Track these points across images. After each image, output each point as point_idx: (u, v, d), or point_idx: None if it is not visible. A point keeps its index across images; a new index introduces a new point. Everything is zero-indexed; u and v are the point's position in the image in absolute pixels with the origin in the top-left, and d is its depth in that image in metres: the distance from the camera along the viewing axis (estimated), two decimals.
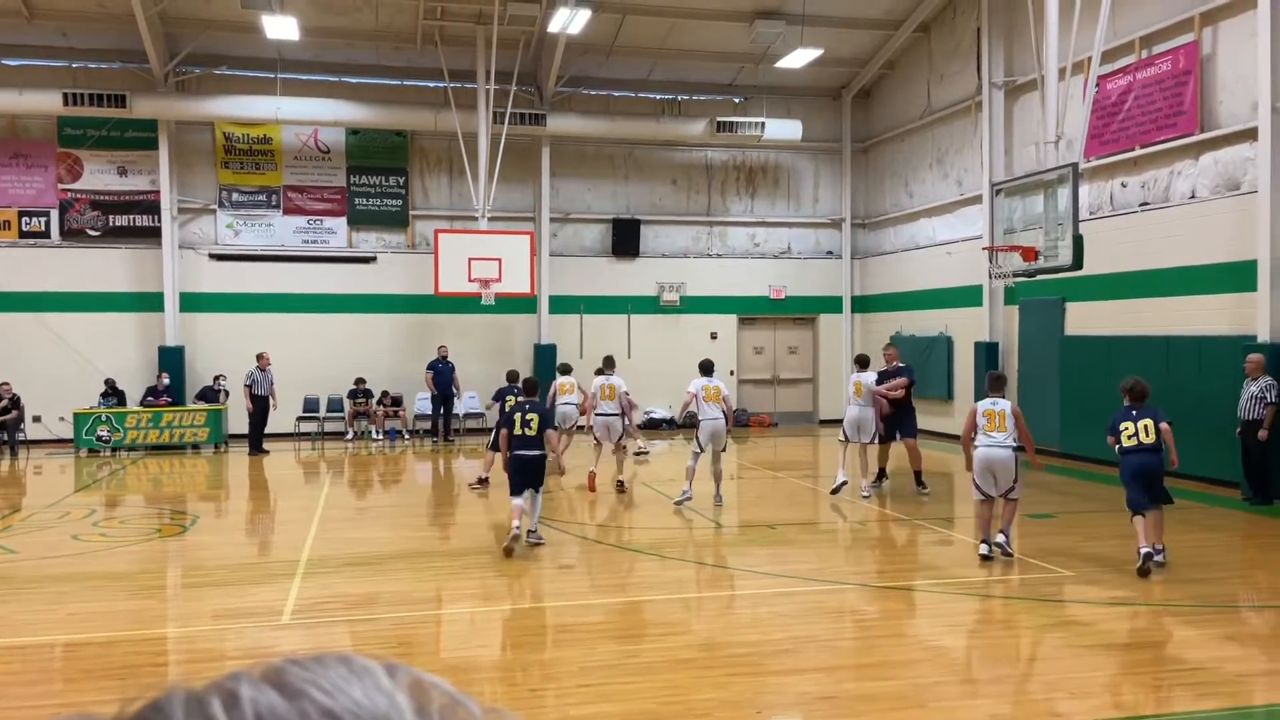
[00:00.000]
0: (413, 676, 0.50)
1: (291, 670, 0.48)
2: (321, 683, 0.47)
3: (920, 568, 9.66)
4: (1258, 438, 11.97)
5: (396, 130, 21.33)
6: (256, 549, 11.01)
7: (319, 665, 0.48)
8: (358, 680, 0.47)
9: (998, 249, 13.72)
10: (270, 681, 0.47)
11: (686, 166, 23.15)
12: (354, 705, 0.46)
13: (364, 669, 0.49)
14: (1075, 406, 16.30)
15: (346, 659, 0.49)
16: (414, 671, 0.50)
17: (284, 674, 0.47)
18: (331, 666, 0.48)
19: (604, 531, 11.29)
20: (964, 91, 19.53)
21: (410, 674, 0.50)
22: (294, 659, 0.49)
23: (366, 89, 20.90)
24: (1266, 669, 6.42)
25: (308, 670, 0.48)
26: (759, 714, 5.64)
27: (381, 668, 0.49)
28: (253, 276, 20.92)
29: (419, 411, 21.07)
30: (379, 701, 0.46)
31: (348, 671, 0.48)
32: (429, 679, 0.50)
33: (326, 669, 0.48)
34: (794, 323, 23.99)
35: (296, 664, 0.48)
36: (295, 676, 0.47)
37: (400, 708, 0.46)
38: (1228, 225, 13.55)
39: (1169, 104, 14.54)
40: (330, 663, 0.49)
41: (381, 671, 0.49)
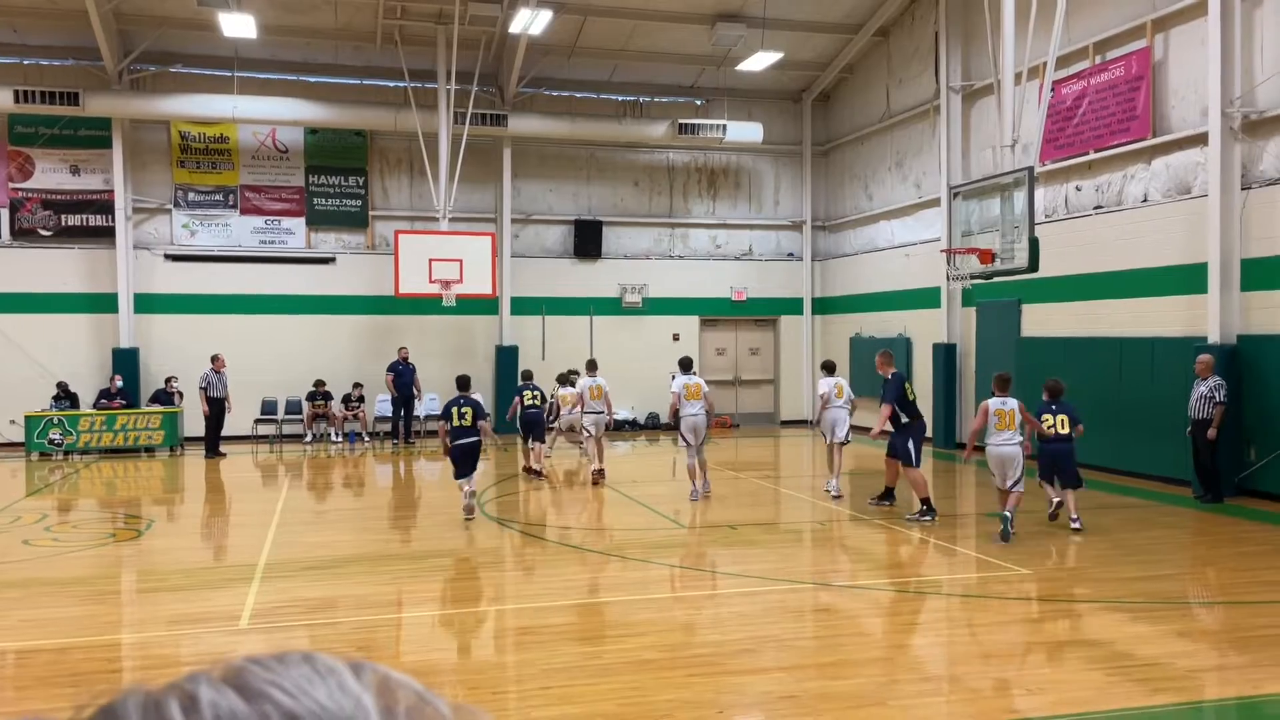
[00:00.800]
0: (379, 675, 0.48)
1: (252, 671, 0.46)
2: (284, 684, 0.45)
3: (880, 567, 9.75)
4: (1207, 437, 12.21)
5: (356, 130, 21.16)
6: (213, 553, 10.87)
7: (281, 665, 0.47)
8: (322, 681, 0.46)
9: (955, 251, 13.89)
10: (230, 683, 0.45)
11: (648, 168, 23.19)
12: (317, 707, 0.44)
13: (328, 669, 0.47)
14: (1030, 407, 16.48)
15: (310, 658, 0.48)
16: (380, 670, 0.49)
17: (244, 675, 0.46)
18: (294, 666, 0.47)
19: (566, 534, 11.27)
20: (922, 95, 19.74)
21: (377, 672, 0.48)
22: (255, 659, 0.47)
23: (325, 88, 20.71)
24: (1217, 664, 6.55)
25: (269, 671, 0.46)
26: (720, 714, 5.66)
27: (347, 667, 0.48)
28: (209, 277, 20.65)
29: (379, 413, 20.91)
30: (344, 703, 0.45)
31: (311, 671, 0.46)
32: (396, 677, 0.49)
33: (289, 669, 0.46)
34: (755, 324, 24.11)
35: (258, 664, 0.47)
36: (256, 677, 0.45)
37: (366, 709, 0.45)
38: (1179, 229, 13.82)
39: (1122, 109, 14.80)
40: (293, 662, 0.47)
41: (347, 671, 0.47)
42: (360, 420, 20.50)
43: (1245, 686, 6.10)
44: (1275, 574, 8.89)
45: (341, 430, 20.34)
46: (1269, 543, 10.31)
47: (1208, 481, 12.45)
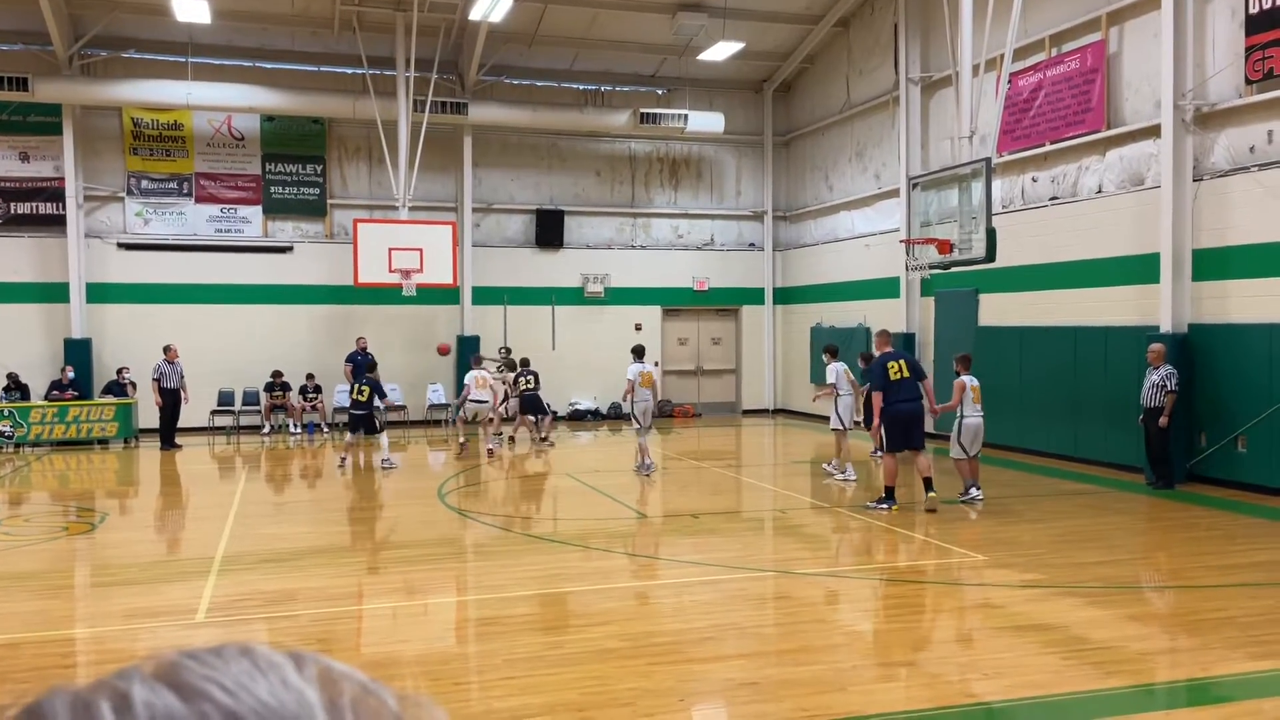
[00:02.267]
0: (321, 667, 0.46)
1: (188, 667, 0.44)
2: (223, 680, 0.43)
3: (840, 555, 9.83)
4: (1159, 424, 12.44)
5: (313, 118, 20.90)
6: (169, 546, 10.72)
7: (219, 660, 0.44)
8: (262, 676, 0.44)
9: (914, 241, 14.01)
10: (165, 680, 0.43)
11: (610, 158, 23.14)
12: (259, 705, 0.42)
13: (269, 663, 0.45)
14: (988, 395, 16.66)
15: (249, 651, 0.45)
16: (322, 661, 0.47)
17: (180, 671, 0.43)
18: (233, 661, 0.44)
19: (528, 523, 11.25)
20: (882, 86, 19.86)
21: (319, 664, 0.46)
22: (191, 653, 0.45)
23: (282, 75, 20.42)
24: (1168, 647, 6.69)
25: (207, 666, 0.44)
26: (682, 701, 5.69)
27: (288, 660, 0.46)
28: (164, 266, 20.32)
29: (338, 404, 20.71)
30: (286, 700, 0.43)
31: (251, 666, 0.44)
32: (339, 668, 0.47)
33: (228, 664, 0.44)
34: (717, 314, 24.18)
35: (194, 659, 0.44)
36: (193, 674, 0.43)
37: (310, 704, 0.43)
38: (1132, 219, 14.04)
39: (1077, 101, 14.99)
40: (231, 656, 0.45)
41: (289, 665, 0.45)
42: (319, 411, 20.30)
43: (1195, 669, 6.23)
44: (1225, 558, 9.09)
45: (300, 421, 20.12)
46: (1219, 528, 10.53)
47: (1160, 468, 12.69)
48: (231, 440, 19.35)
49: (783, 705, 5.50)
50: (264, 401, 20.12)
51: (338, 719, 0.43)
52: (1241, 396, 12.35)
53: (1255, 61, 12.12)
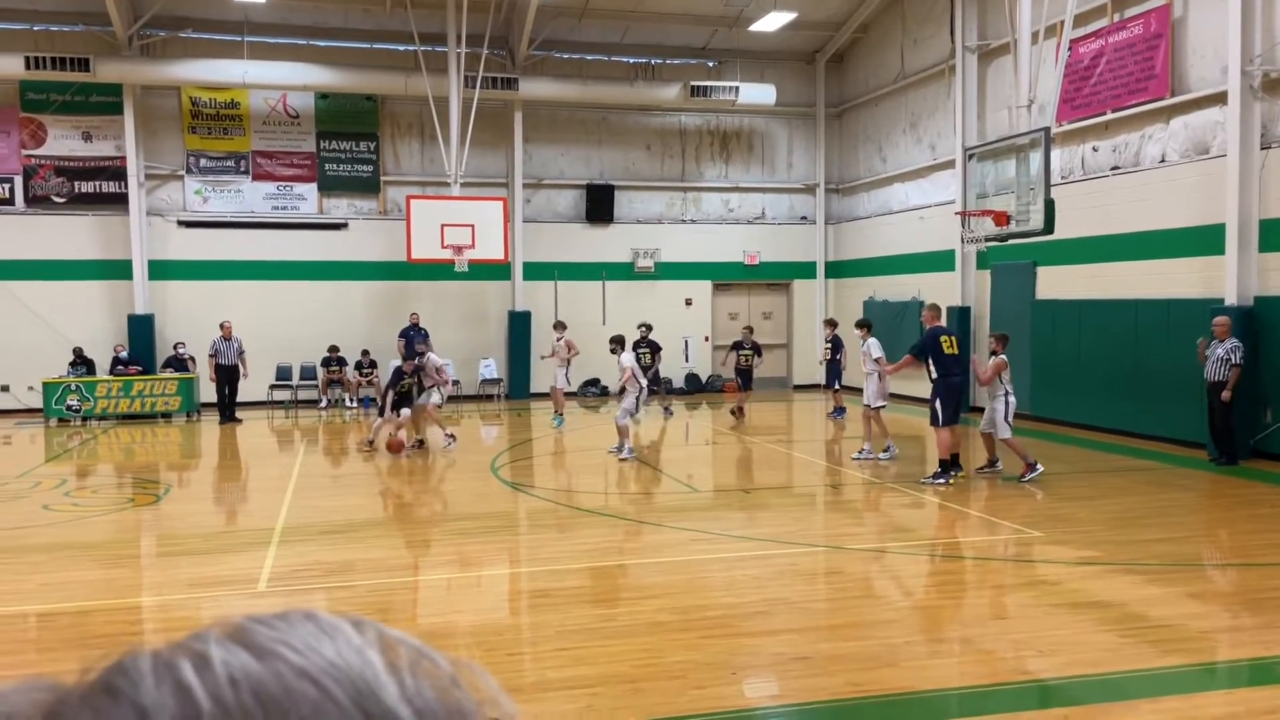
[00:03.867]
0: (379, 631, 0.48)
1: (258, 630, 0.46)
2: (292, 641, 0.45)
3: (892, 530, 9.77)
4: (1222, 399, 12.15)
5: (366, 95, 21.06)
6: (230, 517, 10.98)
7: (285, 624, 0.47)
8: (328, 638, 0.46)
9: (970, 214, 13.79)
10: (238, 641, 0.45)
11: (660, 131, 23.03)
12: (328, 665, 0.44)
13: (333, 626, 0.47)
14: (1046, 370, 16.48)
15: (312, 615, 0.48)
16: (379, 627, 0.49)
17: (251, 633, 0.46)
18: (298, 624, 0.47)
19: (580, 497, 11.34)
20: (937, 55, 19.50)
21: (377, 629, 0.49)
22: (258, 618, 0.47)
23: (335, 52, 20.59)
24: (1229, 625, 6.57)
25: (274, 629, 0.46)
26: (733, 674, 5.71)
27: (349, 623, 0.48)
28: (222, 243, 20.68)
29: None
30: (352, 660, 0.45)
31: (316, 629, 0.46)
32: (394, 634, 0.49)
33: (293, 627, 0.46)
34: (768, 288, 24.04)
35: (261, 623, 0.47)
36: (263, 636, 0.46)
37: (373, 664, 0.45)
38: (1196, 189, 13.67)
39: (1140, 68, 14.59)
40: (296, 620, 0.47)
41: (350, 628, 0.48)
42: (375, 386, 20.57)
43: (1257, 648, 6.11)
44: None
45: (356, 396, 20.43)
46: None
47: (1223, 444, 12.41)
48: (289, 414, 19.71)
49: (834, 680, 5.50)
50: (321, 376, 20.45)
51: (398, 678, 0.45)
52: None
53: None
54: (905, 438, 14.13)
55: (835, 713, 5.15)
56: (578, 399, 21.76)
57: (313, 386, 20.60)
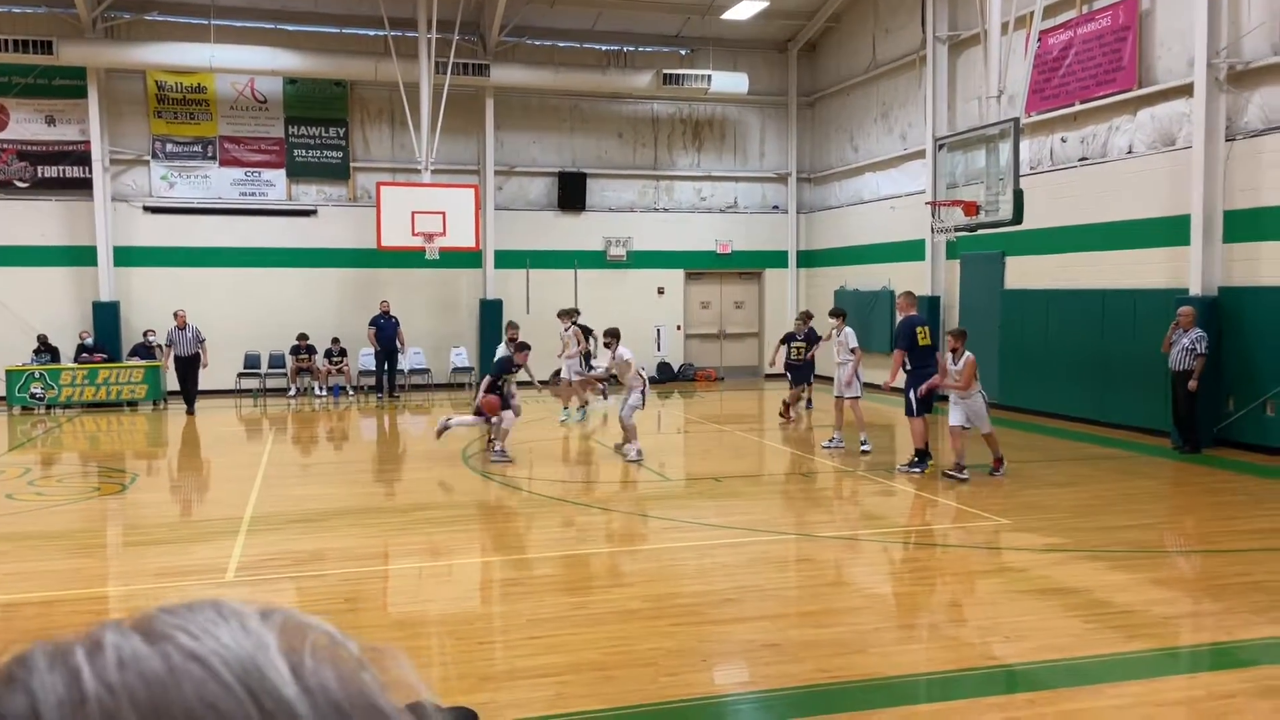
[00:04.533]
0: (287, 617, 0.50)
1: (161, 617, 0.48)
2: (189, 627, 0.47)
3: (862, 518, 9.84)
4: (1188, 388, 12.32)
5: (336, 80, 20.85)
6: (198, 507, 10.88)
7: (189, 611, 0.49)
8: (225, 623, 0.48)
9: (940, 203, 13.88)
10: (137, 628, 0.47)
11: (633, 119, 22.98)
12: (220, 647, 0.46)
13: (234, 612, 0.49)
14: (1014, 359, 16.64)
15: (217, 604, 0.50)
16: (292, 614, 0.50)
17: (152, 621, 0.48)
18: (200, 612, 0.49)
19: (552, 486, 11.33)
20: (908, 45, 19.57)
21: (285, 616, 0.50)
22: (166, 607, 0.49)
23: (304, 37, 20.36)
24: (1191, 611, 6.67)
25: (177, 616, 0.48)
26: (704, 662, 5.74)
27: (255, 611, 0.50)
28: (189, 230, 20.44)
29: (363, 367, 20.86)
30: (244, 642, 0.47)
31: (216, 615, 0.48)
32: (308, 620, 0.50)
33: (195, 614, 0.48)
34: (740, 277, 24.08)
35: (168, 611, 0.49)
36: (163, 623, 0.48)
37: (267, 646, 0.47)
38: (1162, 181, 13.82)
39: (1108, 59, 14.72)
40: (200, 608, 0.49)
41: (253, 614, 0.49)
42: (344, 374, 20.45)
43: (1219, 633, 6.22)
44: (1251, 523, 9.03)
45: (325, 384, 20.28)
46: (1245, 492, 10.46)
47: (1187, 432, 12.59)
48: (258, 403, 19.55)
49: (804, 666, 5.54)
50: (289, 364, 20.29)
51: (294, 659, 0.47)
52: (1271, 360, 12.20)
53: None
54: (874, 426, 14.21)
55: (804, 699, 5.19)
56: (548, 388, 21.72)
57: (281, 375, 20.43)
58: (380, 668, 0.50)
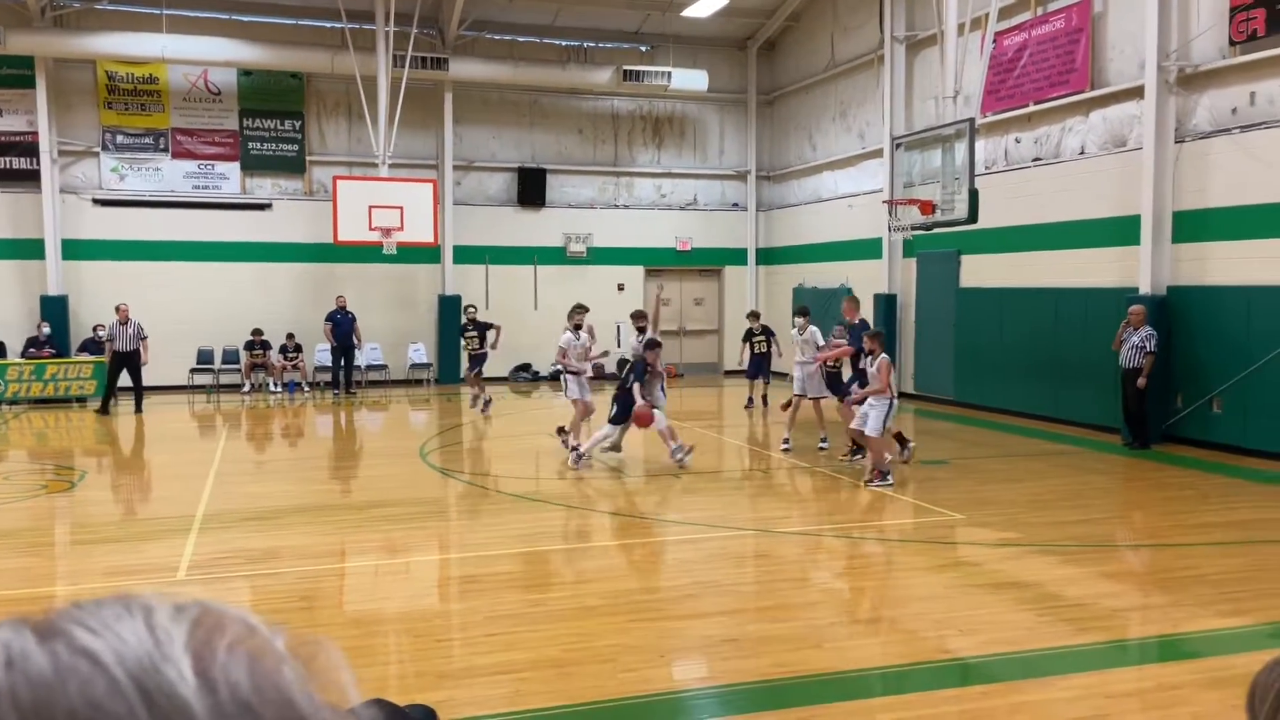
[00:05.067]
0: (204, 611, 0.48)
1: (64, 613, 0.46)
2: (89, 622, 0.45)
3: (819, 513, 9.91)
4: (1137, 385, 12.55)
5: (291, 72, 20.60)
6: (149, 504, 10.70)
7: (96, 606, 0.47)
8: (129, 617, 0.46)
9: (897, 202, 14.00)
10: (37, 626, 0.46)
11: (593, 116, 22.94)
12: (117, 643, 0.44)
13: (143, 607, 0.47)
14: (968, 356, 16.84)
15: (128, 598, 0.48)
16: (211, 607, 0.48)
17: (56, 617, 0.46)
18: (107, 607, 0.47)
19: (509, 483, 11.28)
20: (867, 45, 19.72)
21: (203, 609, 0.48)
22: (78, 603, 0.48)
23: (259, 28, 20.08)
24: (1140, 604, 6.80)
25: (83, 612, 0.46)
26: (662, 657, 5.75)
27: (170, 605, 0.48)
28: (140, 223, 20.08)
29: (319, 363, 20.64)
30: (144, 636, 0.45)
31: (123, 610, 0.46)
32: (230, 614, 0.48)
33: (101, 609, 0.47)
34: (700, 274, 24.14)
35: (79, 606, 0.47)
36: (64, 619, 0.46)
37: (168, 641, 0.45)
38: (1114, 181, 14.05)
39: (1062, 61, 14.93)
40: (110, 602, 0.47)
41: (165, 608, 0.47)
42: (300, 370, 20.22)
43: (1166, 625, 6.34)
44: (1198, 517, 9.22)
45: (280, 380, 20.04)
46: (1193, 487, 10.67)
47: (1136, 429, 12.82)
48: (211, 399, 19.27)
49: (761, 661, 5.57)
50: (244, 360, 20.03)
51: (204, 656, 0.45)
52: (1218, 358, 12.46)
53: (1239, 22, 12.09)
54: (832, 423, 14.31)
55: (761, 693, 5.22)
56: (508, 384, 21.66)
57: (236, 371, 20.16)
58: (309, 662, 0.48)
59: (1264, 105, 11.96)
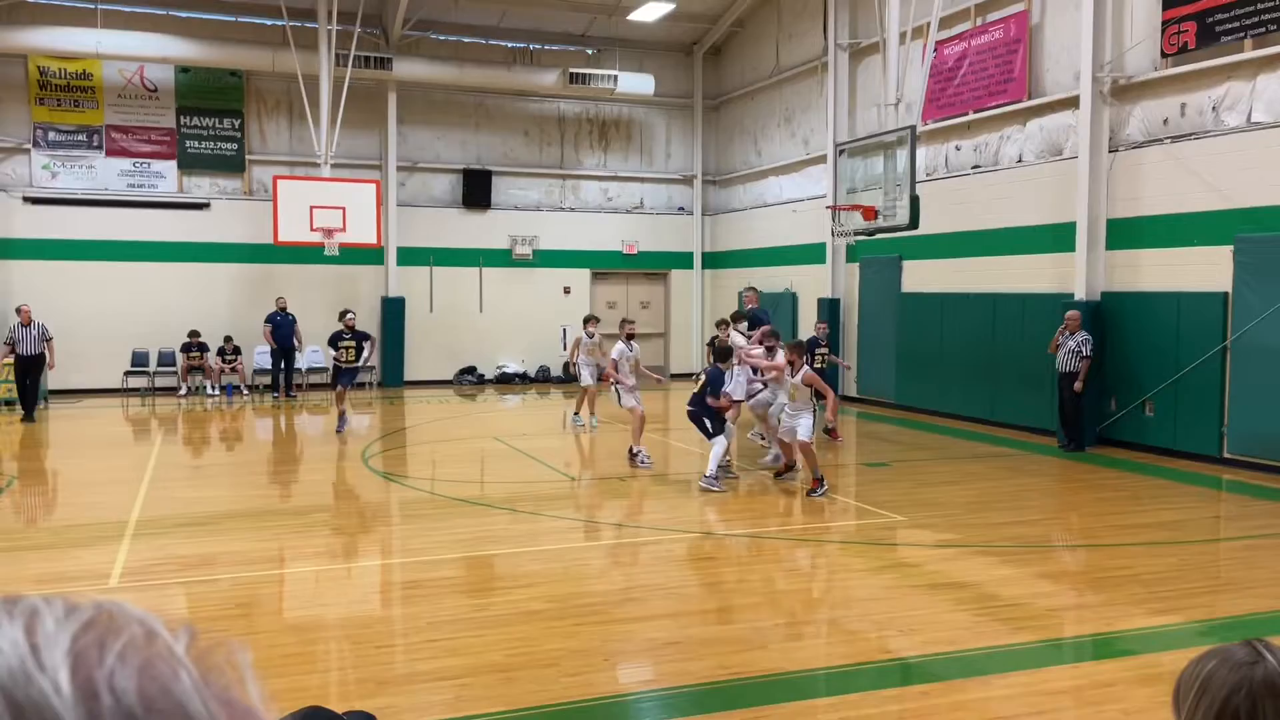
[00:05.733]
0: (98, 614, 0.45)
1: None
2: None
3: (763, 516, 9.97)
4: (1074, 389, 12.82)
5: (231, 70, 20.24)
6: (81, 510, 10.40)
7: None
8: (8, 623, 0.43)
9: (840, 208, 14.14)
10: None
11: (539, 118, 22.87)
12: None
13: (27, 610, 0.44)
14: (910, 360, 17.07)
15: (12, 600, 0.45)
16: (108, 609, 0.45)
17: None
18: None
19: (453, 487, 11.19)
20: (811, 52, 19.92)
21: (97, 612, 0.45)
22: None
23: (197, 24, 19.71)
24: (1074, 603, 6.94)
25: None
26: (606, 661, 5.74)
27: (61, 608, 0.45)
28: (74, 222, 19.58)
29: (258, 366, 20.29)
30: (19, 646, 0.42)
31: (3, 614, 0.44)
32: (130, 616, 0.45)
33: None
34: (646, 278, 24.17)
35: None
36: None
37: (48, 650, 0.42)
38: (1050, 189, 14.35)
39: (1000, 71, 15.22)
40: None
41: (52, 613, 0.44)
42: (238, 373, 19.85)
43: (1100, 624, 6.48)
44: (1130, 518, 9.44)
45: (218, 383, 19.66)
46: (1125, 489, 10.93)
47: (1071, 431, 13.10)
48: (146, 402, 18.84)
49: (705, 664, 5.58)
50: (180, 362, 19.61)
51: (88, 663, 0.42)
52: (1150, 362, 12.78)
53: (1171, 35, 12.43)
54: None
55: (705, 696, 5.23)
56: (453, 387, 21.49)
57: (172, 373, 19.73)
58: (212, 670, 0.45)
59: (1194, 116, 12.30)
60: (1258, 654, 1.26)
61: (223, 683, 0.45)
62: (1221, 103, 11.95)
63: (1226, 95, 11.88)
